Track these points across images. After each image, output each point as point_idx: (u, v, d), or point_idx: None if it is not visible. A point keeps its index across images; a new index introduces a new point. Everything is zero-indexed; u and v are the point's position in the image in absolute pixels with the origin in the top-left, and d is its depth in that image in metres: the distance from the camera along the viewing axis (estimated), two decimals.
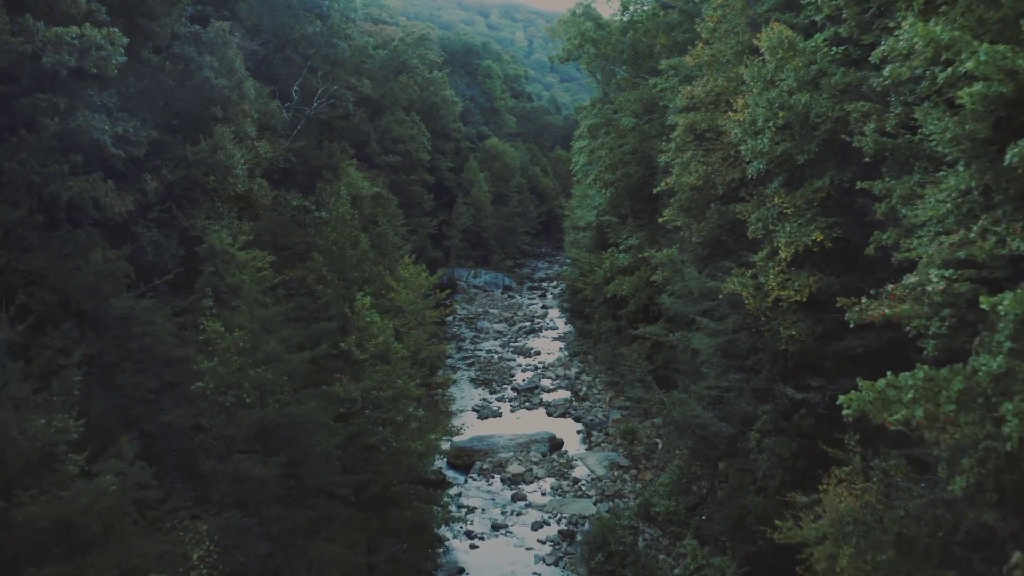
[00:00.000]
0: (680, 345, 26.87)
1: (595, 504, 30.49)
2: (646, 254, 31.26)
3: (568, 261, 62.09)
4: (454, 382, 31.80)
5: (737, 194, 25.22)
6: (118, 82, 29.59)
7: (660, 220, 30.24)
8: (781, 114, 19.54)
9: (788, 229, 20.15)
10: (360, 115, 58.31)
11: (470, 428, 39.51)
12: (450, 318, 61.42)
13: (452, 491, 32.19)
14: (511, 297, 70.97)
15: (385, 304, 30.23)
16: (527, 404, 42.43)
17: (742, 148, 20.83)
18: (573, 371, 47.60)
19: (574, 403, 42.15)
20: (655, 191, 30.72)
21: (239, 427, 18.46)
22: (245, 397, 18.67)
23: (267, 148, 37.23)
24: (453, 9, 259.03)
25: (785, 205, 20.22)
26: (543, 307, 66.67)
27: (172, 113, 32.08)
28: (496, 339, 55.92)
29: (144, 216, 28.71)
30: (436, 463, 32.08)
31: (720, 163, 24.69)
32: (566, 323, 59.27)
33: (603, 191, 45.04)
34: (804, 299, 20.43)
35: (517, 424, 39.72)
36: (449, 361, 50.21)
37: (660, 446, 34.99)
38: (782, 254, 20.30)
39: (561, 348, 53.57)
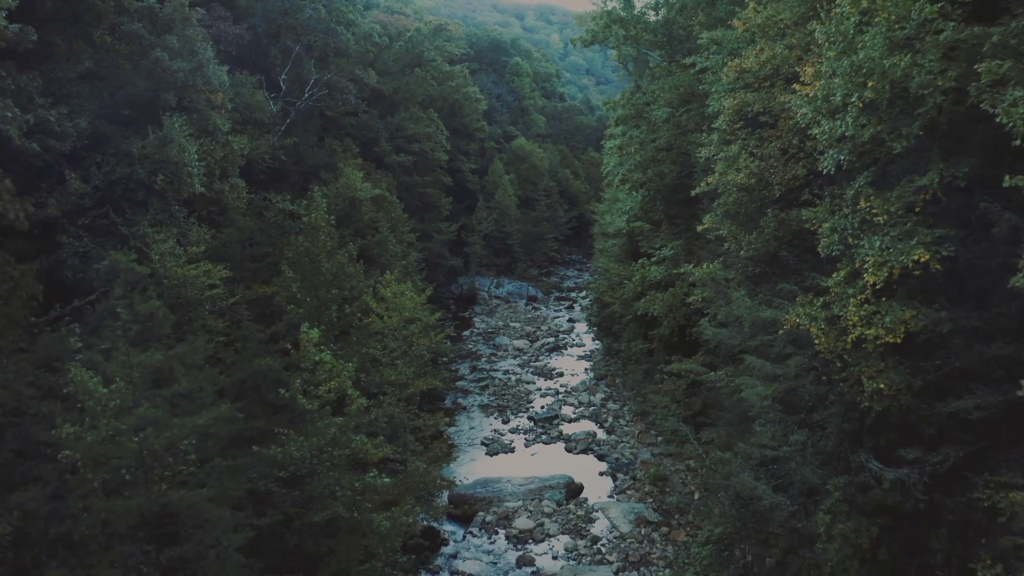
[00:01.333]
0: (723, 386, 21.23)
1: (616, 574, 24.98)
2: (682, 270, 25.62)
3: (596, 271, 56.61)
4: (446, 424, 26.55)
5: (798, 195, 19.62)
6: (49, 64, 25.05)
7: (699, 228, 24.67)
8: (870, 84, 13.95)
9: (878, 244, 14.56)
10: (369, 111, 53.51)
11: (477, 465, 34.31)
12: (467, 332, 56.31)
13: (447, 550, 26.97)
14: (535, 309, 65.55)
15: (366, 329, 25.12)
16: (544, 437, 36.98)
17: (814, 133, 15.27)
18: (598, 397, 42.03)
19: (597, 438, 36.59)
20: (693, 193, 25.15)
21: (115, 515, 13.40)
22: (125, 474, 13.61)
23: (244, 143, 32.39)
24: (488, 11, 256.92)
25: (874, 211, 14.61)
26: (569, 320, 61.15)
27: (124, 101, 27.47)
28: (515, 357, 50.56)
29: (73, 223, 24.02)
30: (431, 518, 26.87)
31: (778, 156, 19.08)
32: (593, 339, 53.74)
33: (633, 193, 39.49)
34: (898, 340, 14.85)
35: (531, 463, 34.30)
36: (461, 383, 45.02)
37: (696, 497, 29.31)
38: (868, 278, 14.72)
39: (586, 369, 48.02)
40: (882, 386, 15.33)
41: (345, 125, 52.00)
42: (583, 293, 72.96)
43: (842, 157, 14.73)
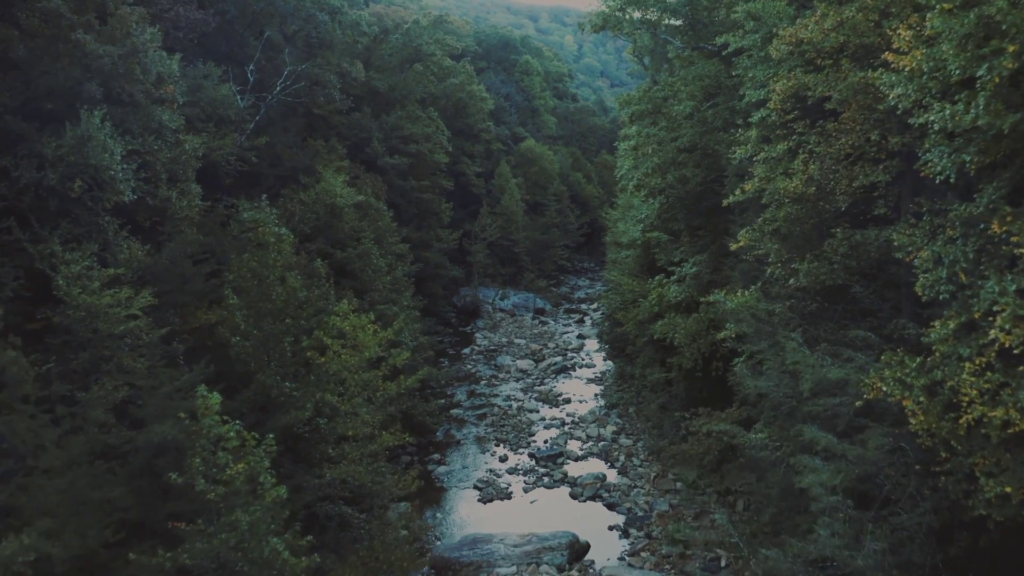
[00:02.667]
0: (767, 454, 16.42)
1: None
2: (711, 298, 20.80)
3: (608, 283, 51.90)
4: (416, 484, 21.96)
5: (868, 209, 14.92)
6: None
7: (733, 246, 19.94)
8: (1010, 48, 9.26)
9: (1013, 287, 9.87)
10: (360, 109, 49.04)
11: (468, 513, 29.72)
12: (467, 349, 51.71)
13: None
14: (542, 323, 60.81)
15: (320, 371, 20.50)
16: (546, 480, 32.27)
17: (918, 122, 10.56)
18: (609, 430, 37.26)
19: (607, 482, 31.81)
20: (726, 203, 20.40)
21: None
22: None
23: (198, 143, 27.89)
24: (501, 12, 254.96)
25: (1013, 237, 9.90)
26: (579, 337, 56.38)
27: (43, 93, 23.08)
28: (518, 380, 45.84)
29: None
30: None
31: (844, 157, 14.35)
32: (604, 359, 48.98)
33: (649, 200, 34.77)
34: None
35: (530, 513, 29.63)
36: (456, 412, 40.38)
37: (724, 564, 24.57)
38: (998, 336, 10.03)
39: (596, 394, 43.24)
40: (1008, 489, 10.64)
41: (335, 124, 47.58)
42: (594, 305, 68.19)
43: (966, 158, 9.99)
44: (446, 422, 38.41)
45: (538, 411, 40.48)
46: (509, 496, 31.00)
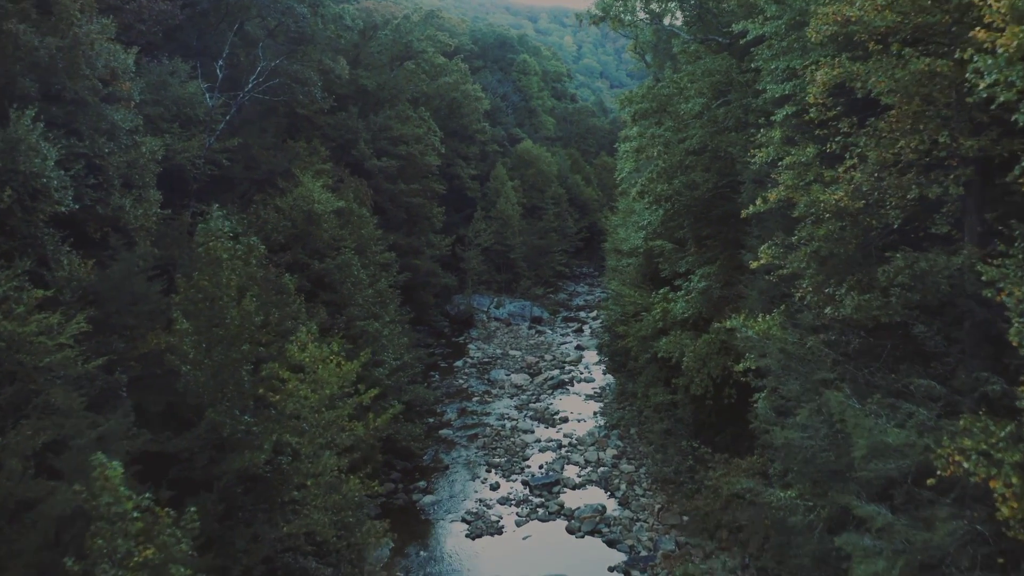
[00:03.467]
0: (800, 519, 13.74)
1: None
2: (727, 324, 18.11)
3: (607, 291, 49.31)
4: (388, 537, 19.35)
5: (922, 227, 12.34)
6: None
7: (753, 265, 17.31)
8: None
9: None
10: (347, 108, 46.43)
11: (455, 549, 27.11)
12: (460, 362, 49.05)
13: None
14: (539, 333, 58.15)
15: (282, 407, 17.85)
16: (540, 512, 29.61)
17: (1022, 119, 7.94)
18: (609, 454, 34.60)
19: (607, 514, 29.17)
20: (744, 214, 17.77)
21: None
22: None
23: (155, 145, 25.24)
24: (500, 13, 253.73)
25: None
26: (577, 348, 53.70)
27: None
28: (513, 397, 43.17)
29: None
30: None
31: (896, 164, 11.73)
32: (604, 372, 46.36)
33: (653, 208, 32.11)
34: None
35: (522, 550, 27.00)
36: (445, 432, 37.73)
37: None
38: None
39: (596, 412, 40.59)
40: None
41: (321, 125, 44.99)
42: (593, 313, 65.61)
43: None
44: (434, 444, 35.75)
45: (533, 431, 37.82)
46: (500, 531, 28.35)
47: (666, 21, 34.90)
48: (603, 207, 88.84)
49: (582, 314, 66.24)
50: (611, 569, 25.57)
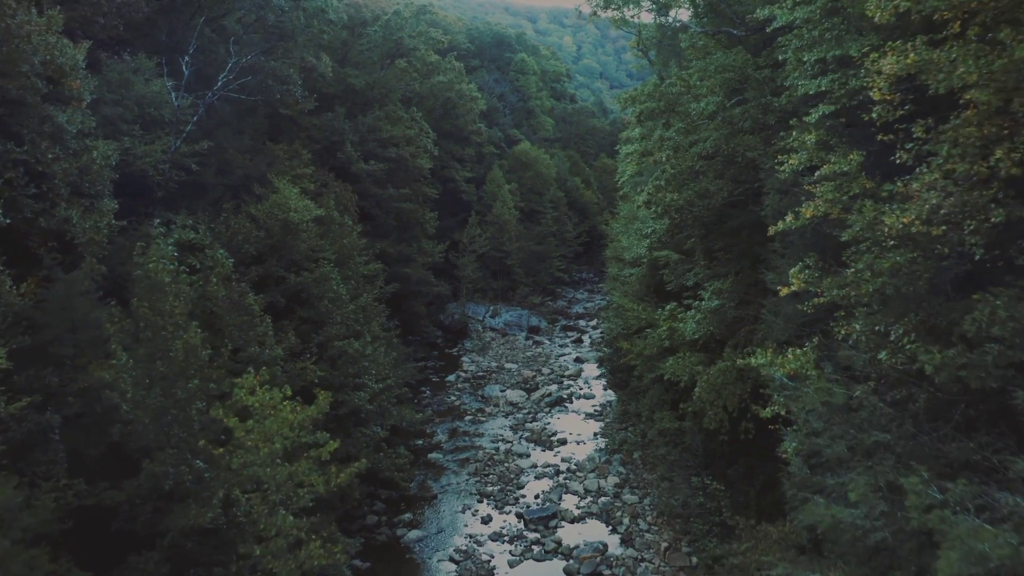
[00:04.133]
0: None
1: None
2: (752, 362, 15.47)
3: (608, 301, 46.74)
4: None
5: (1005, 256, 9.77)
6: None
7: (782, 292, 14.77)
8: None
9: None
10: (329, 108, 43.93)
11: None
12: (452, 376, 46.50)
13: None
14: (537, 344, 55.55)
15: (220, 463, 15.26)
16: (536, 550, 27.06)
17: None
18: (611, 482, 32.05)
19: (608, 553, 26.62)
20: (773, 231, 15.22)
21: None
22: None
23: (109, 149, 22.67)
24: (499, 13, 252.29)
25: None
26: (576, 360, 51.12)
27: None
28: (508, 416, 40.59)
29: None
30: None
31: (983, 180, 9.19)
32: (605, 388, 43.83)
33: (660, 218, 29.50)
34: None
35: None
36: (434, 456, 35.16)
37: None
38: None
39: (596, 434, 38.03)
40: None
41: (305, 126, 42.46)
42: (593, 322, 63.07)
43: None
44: (422, 470, 33.19)
45: (529, 455, 35.24)
46: (492, 573, 25.78)
47: (671, 15, 32.51)
48: (603, 210, 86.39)
49: (581, 323, 63.69)
50: None
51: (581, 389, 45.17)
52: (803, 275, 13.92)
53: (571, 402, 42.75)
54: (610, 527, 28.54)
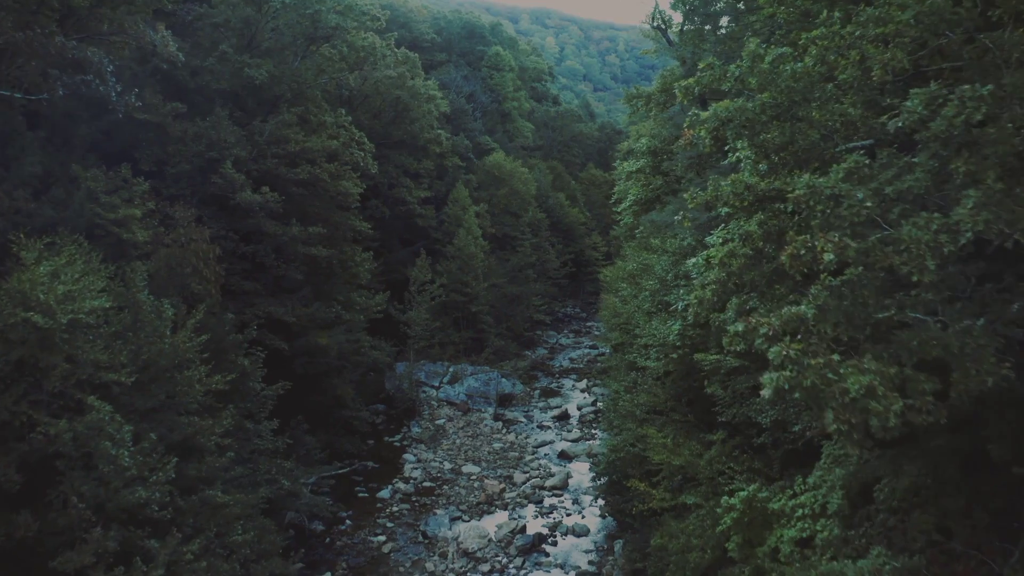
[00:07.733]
0: None
1: None
2: None
3: (602, 386, 33.35)
4: None
5: None
6: None
7: None
8: None
9: None
10: (208, 111, 30.31)
11: None
12: (386, 491, 32.91)
13: None
14: (508, 426, 41.92)
15: None
16: None
17: None
18: None
19: None
20: None
21: None
22: None
23: None
24: (480, 13, 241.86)
25: None
26: (561, 455, 37.60)
27: None
28: None
29: None
30: None
31: None
32: (601, 513, 30.51)
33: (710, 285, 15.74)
34: None
35: None
36: None
37: None
38: None
39: None
40: None
41: (152, 139, 28.74)
42: (582, 383, 49.69)
43: None
44: None
45: None
46: None
47: None
48: (592, 231, 73.29)
49: (567, 382, 50.26)
50: None
51: (568, 512, 31.61)
52: None
53: (555, 543, 29.08)
54: None
